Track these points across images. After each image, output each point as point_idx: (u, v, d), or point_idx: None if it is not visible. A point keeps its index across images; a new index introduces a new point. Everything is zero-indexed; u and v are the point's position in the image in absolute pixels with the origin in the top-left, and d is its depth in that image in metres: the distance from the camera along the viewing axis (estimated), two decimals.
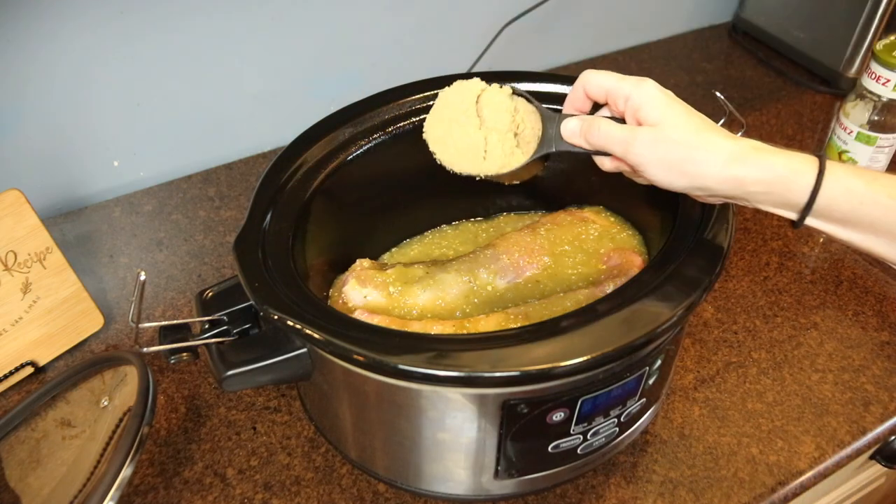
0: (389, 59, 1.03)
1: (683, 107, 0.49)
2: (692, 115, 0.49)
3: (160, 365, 0.73)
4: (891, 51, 0.87)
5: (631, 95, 0.49)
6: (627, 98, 0.50)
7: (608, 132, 0.51)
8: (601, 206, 0.74)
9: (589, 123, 0.52)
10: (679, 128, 0.48)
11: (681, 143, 0.48)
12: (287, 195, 0.60)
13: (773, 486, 0.63)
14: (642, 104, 0.49)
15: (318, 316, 0.49)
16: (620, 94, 0.50)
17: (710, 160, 0.47)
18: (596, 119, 0.52)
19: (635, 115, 0.50)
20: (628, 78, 0.51)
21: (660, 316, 0.48)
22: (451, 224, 0.76)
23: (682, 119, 0.48)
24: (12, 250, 0.68)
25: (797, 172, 0.47)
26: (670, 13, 1.24)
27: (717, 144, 0.47)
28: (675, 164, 0.48)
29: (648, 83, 0.50)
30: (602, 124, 0.51)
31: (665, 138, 0.48)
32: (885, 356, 0.73)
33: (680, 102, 0.50)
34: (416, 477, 0.58)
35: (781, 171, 0.47)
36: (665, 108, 0.48)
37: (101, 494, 0.48)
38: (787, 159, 0.47)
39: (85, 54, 0.83)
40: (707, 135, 0.48)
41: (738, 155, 0.47)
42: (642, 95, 0.49)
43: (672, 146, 0.48)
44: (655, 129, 0.49)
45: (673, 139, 0.48)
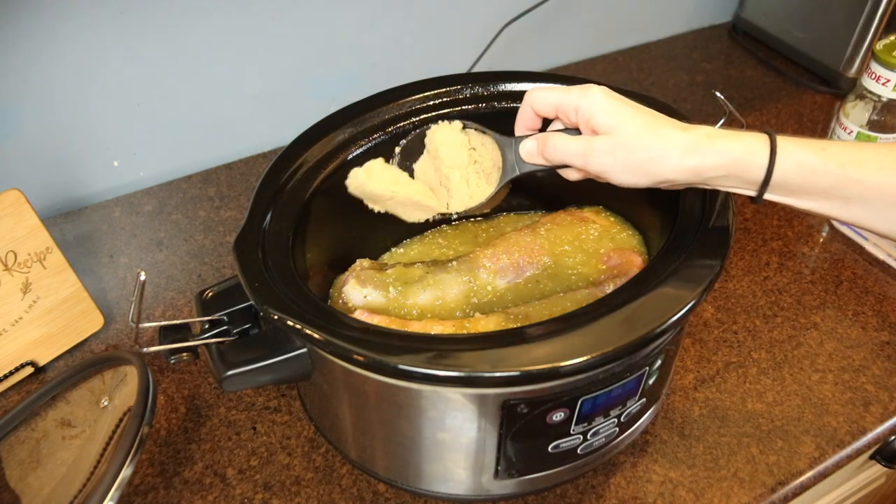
0: (389, 59, 1.03)
1: (632, 107, 0.50)
2: (642, 113, 0.50)
3: (160, 365, 0.73)
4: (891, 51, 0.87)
5: (580, 106, 0.51)
6: (577, 109, 0.51)
7: (564, 148, 0.52)
8: (601, 206, 0.74)
9: (543, 141, 0.53)
10: (632, 131, 0.49)
11: (637, 145, 0.49)
12: (287, 195, 0.60)
13: (773, 486, 0.63)
14: (593, 113, 0.50)
15: (318, 316, 0.49)
16: (569, 106, 0.51)
17: (668, 156, 0.49)
18: (550, 136, 0.53)
19: (588, 125, 0.51)
20: (573, 89, 0.51)
21: (660, 316, 0.48)
22: (451, 224, 0.76)
23: (633, 121, 0.49)
24: (12, 250, 0.68)
25: (751, 153, 0.49)
26: (670, 13, 1.24)
27: (672, 139, 0.49)
28: (636, 166, 0.50)
29: (594, 90, 0.51)
30: (557, 140, 0.52)
31: (621, 144, 0.49)
32: (885, 356, 0.73)
33: (628, 103, 0.51)
34: (416, 477, 0.58)
35: (736, 155, 0.49)
36: (615, 113, 0.50)
37: (101, 494, 0.48)
38: (740, 143, 0.49)
39: (85, 54, 0.83)
40: (661, 131, 0.49)
41: (692, 146, 0.49)
42: (591, 104, 0.50)
43: (629, 150, 0.49)
44: (610, 136, 0.50)
45: (629, 144, 0.49)
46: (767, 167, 0.48)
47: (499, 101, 0.68)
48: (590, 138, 0.51)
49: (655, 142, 0.49)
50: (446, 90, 0.68)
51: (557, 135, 0.52)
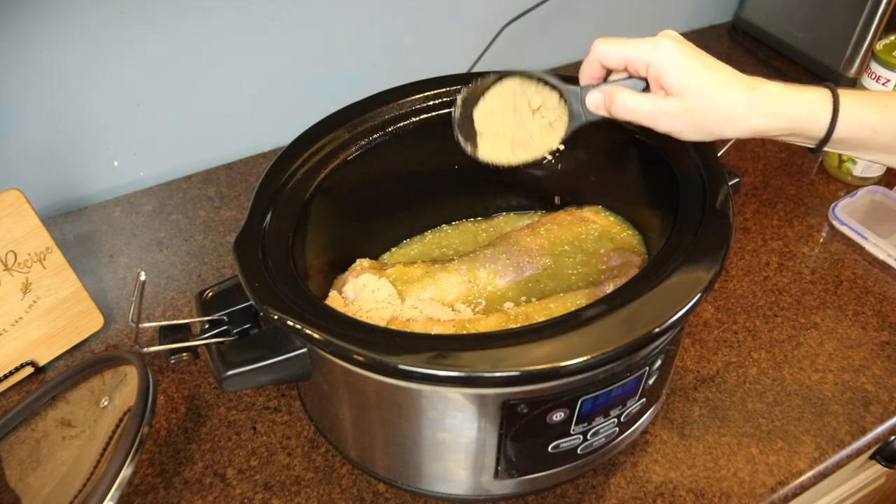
0: (389, 59, 1.03)
1: (701, 63, 0.50)
2: (711, 71, 0.50)
3: (160, 365, 0.73)
4: (891, 51, 0.87)
5: (651, 62, 0.50)
6: (648, 65, 0.51)
7: (633, 107, 0.52)
8: (601, 206, 0.74)
9: (611, 98, 0.53)
10: (702, 92, 0.49)
11: (706, 108, 0.50)
12: (287, 195, 0.60)
13: (773, 486, 0.63)
14: (664, 71, 0.50)
15: (318, 316, 0.49)
16: (640, 62, 0.51)
17: (734, 118, 0.50)
18: (617, 93, 0.52)
19: (658, 82, 0.51)
20: (644, 42, 0.51)
21: (660, 316, 0.48)
22: (451, 224, 0.76)
23: (702, 81, 0.49)
24: (12, 250, 0.68)
25: (813, 114, 0.50)
26: (670, 13, 1.24)
27: (739, 102, 0.50)
28: (703, 127, 0.51)
29: (665, 46, 0.50)
30: (626, 99, 0.52)
31: (690, 107, 0.50)
32: (885, 356, 0.73)
33: (697, 58, 0.50)
34: (416, 477, 0.58)
35: (800, 115, 0.50)
36: (686, 72, 0.49)
37: (101, 494, 0.48)
38: (803, 103, 0.50)
39: (85, 55, 0.83)
40: (729, 93, 0.50)
41: (758, 107, 0.50)
42: (661, 61, 0.50)
43: (698, 113, 0.50)
44: (679, 99, 0.50)
45: (698, 107, 0.50)
46: (829, 127, 0.50)
47: None
48: (659, 100, 0.51)
49: (724, 104, 0.50)
50: (446, 90, 0.68)
51: (625, 93, 0.52)
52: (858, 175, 0.92)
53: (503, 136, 0.60)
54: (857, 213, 0.88)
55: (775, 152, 0.99)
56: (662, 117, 0.51)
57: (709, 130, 0.51)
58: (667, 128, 0.52)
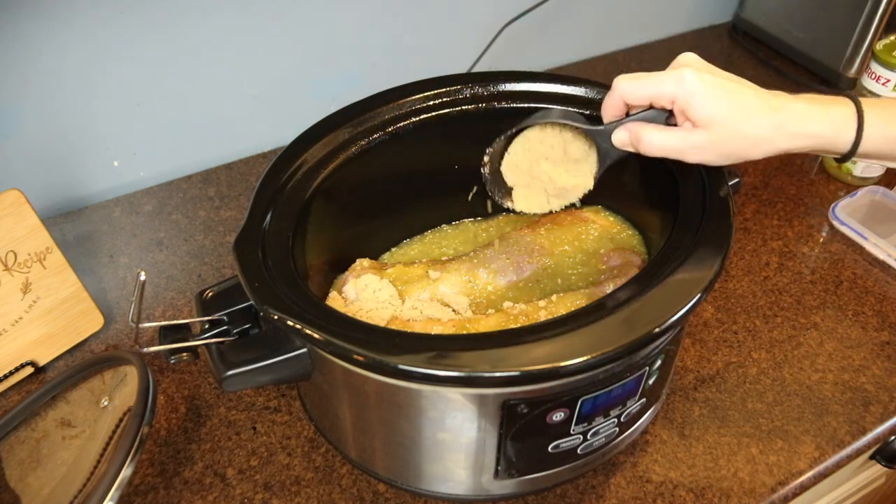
0: (389, 59, 1.03)
1: (726, 92, 0.50)
2: (735, 98, 0.50)
3: (160, 365, 0.73)
4: (891, 51, 0.88)
5: (676, 97, 0.51)
6: (673, 101, 0.51)
7: (661, 145, 0.52)
8: (601, 206, 0.74)
9: (637, 136, 0.53)
10: (728, 123, 0.50)
11: (733, 137, 0.51)
12: (287, 195, 0.60)
13: (773, 486, 0.63)
14: (689, 105, 0.50)
15: (318, 316, 0.49)
16: (664, 98, 0.52)
17: (760, 144, 0.51)
18: (642, 131, 0.53)
19: (684, 115, 0.52)
20: (666, 77, 0.51)
21: (660, 316, 0.48)
22: (451, 224, 0.76)
23: (729, 111, 0.50)
24: (12, 250, 0.68)
25: (838, 132, 0.51)
26: (670, 13, 1.24)
27: (765, 126, 0.51)
28: (731, 154, 0.52)
29: (688, 78, 0.50)
30: (653, 137, 0.52)
31: (717, 139, 0.51)
32: (885, 356, 0.73)
33: (721, 85, 0.51)
34: (416, 477, 0.58)
35: (824, 134, 0.51)
36: (711, 103, 0.50)
37: (101, 494, 0.48)
38: (828, 122, 0.51)
39: (85, 55, 0.83)
40: (753, 118, 0.50)
41: (782, 128, 0.51)
42: (687, 95, 0.50)
43: (726, 143, 0.51)
44: (707, 131, 0.51)
45: (725, 138, 0.51)
46: (853, 143, 0.51)
47: (499, 101, 0.68)
48: (685, 135, 0.52)
49: (749, 130, 0.50)
50: (446, 90, 0.68)
51: (651, 131, 0.53)
52: (858, 175, 0.92)
53: (535, 187, 0.61)
54: (857, 213, 0.88)
55: None
56: (691, 151, 0.52)
57: (737, 155, 0.52)
58: (696, 159, 0.52)
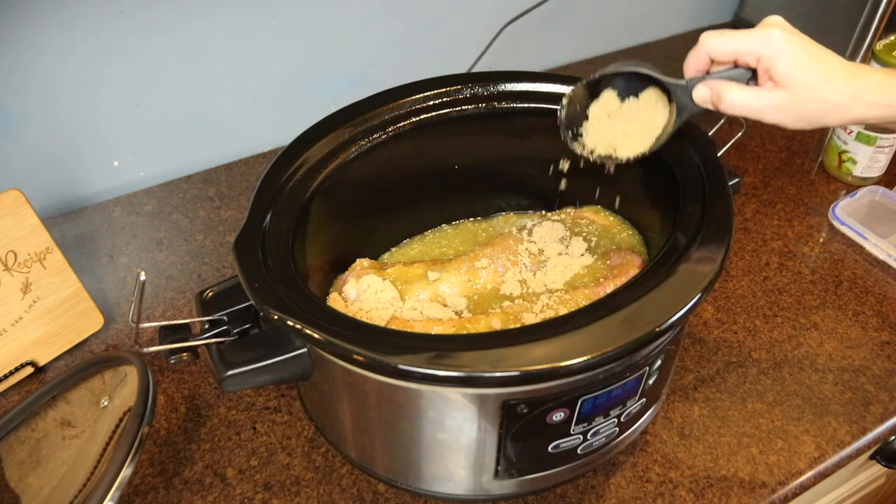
0: (389, 59, 1.03)
1: (809, 54, 0.51)
2: (819, 61, 0.51)
3: (160, 365, 0.73)
4: (891, 51, 0.88)
5: (762, 55, 0.51)
6: (759, 58, 0.52)
7: (742, 103, 0.53)
8: (600, 206, 0.74)
9: (718, 94, 0.54)
10: (810, 85, 0.51)
11: (812, 100, 0.51)
12: (287, 195, 0.60)
13: (773, 486, 0.63)
14: (774, 63, 0.51)
15: (318, 316, 0.49)
16: (750, 55, 0.52)
17: (838, 110, 0.52)
18: (724, 88, 0.53)
19: (767, 73, 0.52)
20: (753, 34, 0.52)
21: (660, 316, 0.48)
22: (451, 224, 0.76)
23: (812, 74, 0.51)
24: (12, 250, 0.68)
25: None
26: (670, 13, 1.24)
27: (843, 92, 0.51)
28: (807, 117, 0.52)
29: (775, 37, 0.51)
30: (733, 95, 0.53)
31: (797, 99, 0.51)
32: (885, 356, 0.73)
33: (806, 48, 0.51)
34: (416, 477, 0.58)
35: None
36: (795, 64, 0.50)
37: (101, 494, 0.48)
38: None
39: (85, 55, 0.83)
40: (834, 84, 0.51)
41: (860, 97, 0.51)
42: (773, 54, 0.51)
43: (804, 105, 0.51)
44: (787, 91, 0.51)
45: (805, 99, 0.51)
46: None
47: (499, 101, 0.68)
48: (766, 94, 0.52)
49: (829, 95, 0.51)
50: (446, 90, 0.68)
51: (732, 88, 0.53)
52: (858, 175, 0.92)
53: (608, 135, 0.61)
54: (857, 213, 0.88)
55: (775, 152, 0.99)
56: (770, 111, 0.52)
57: (813, 120, 0.52)
58: (773, 119, 0.53)
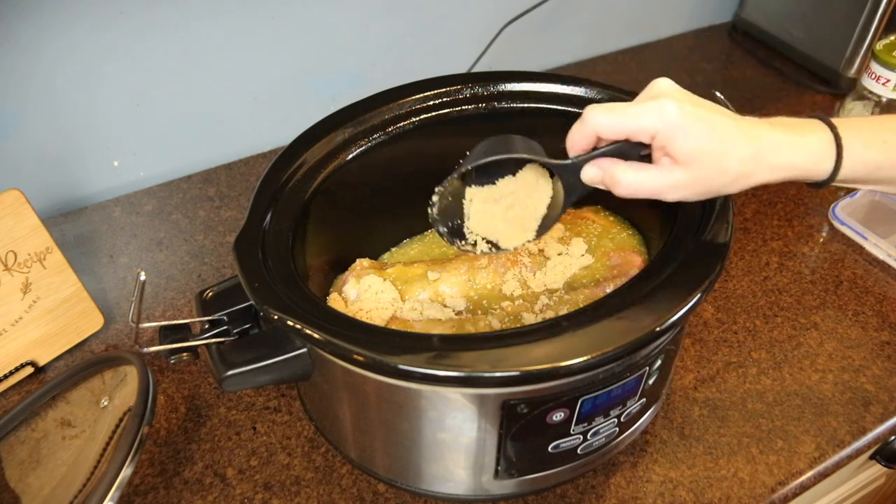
0: (389, 59, 1.03)
1: (706, 124, 0.47)
2: (715, 131, 0.47)
3: (160, 365, 0.73)
4: (891, 51, 0.88)
5: (658, 133, 0.47)
6: (654, 136, 0.48)
7: (638, 186, 0.49)
8: (600, 206, 0.74)
9: (611, 177, 0.50)
10: (710, 160, 0.48)
11: (714, 175, 0.48)
12: (287, 195, 0.60)
13: (773, 486, 0.63)
14: (671, 141, 0.47)
15: (318, 316, 0.49)
16: (644, 134, 0.48)
17: (741, 178, 0.49)
18: (616, 170, 0.49)
19: (663, 150, 0.48)
20: (645, 111, 0.47)
21: (660, 316, 0.48)
22: None
23: (710, 147, 0.47)
24: (12, 250, 0.68)
25: (816, 162, 0.50)
26: (670, 13, 1.24)
27: (744, 160, 0.48)
28: (710, 191, 0.50)
29: (669, 111, 0.47)
30: (628, 177, 0.49)
31: (698, 177, 0.48)
32: (885, 356, 0.73)
33: (702, 117, 0.47)
34: (416, 477, 0.58)
35: (803, 165, 0.50)
36: (694, 139, 0.47)
37: (101, 494, 0.48)
38: (806, 152, 0.49)
39: (85, 55, 0.83)
40: (734, 153, 0.48)
41: (762, 162, 0.49)
42: (668, 130, 0.47)
43: (706, 180, 0.49)
44: (687, 169, 0.48)
45: (706, 174, 0.48)
46: (832, 172, 0.50)
47: (499, 101, 0.68)
48: (664, 173, 0.49)
49: (731, 166, 0.48)
50: (446, 90, 0.68)
51: (626, 171, 0.49)
52: None
53: (491, 223, 0.56)
54: (857, 213, 0.88)
55: None
56: (669, 191, 0.49)
57: (716, 192, 0.50)
58: (673, 198, 0.50)
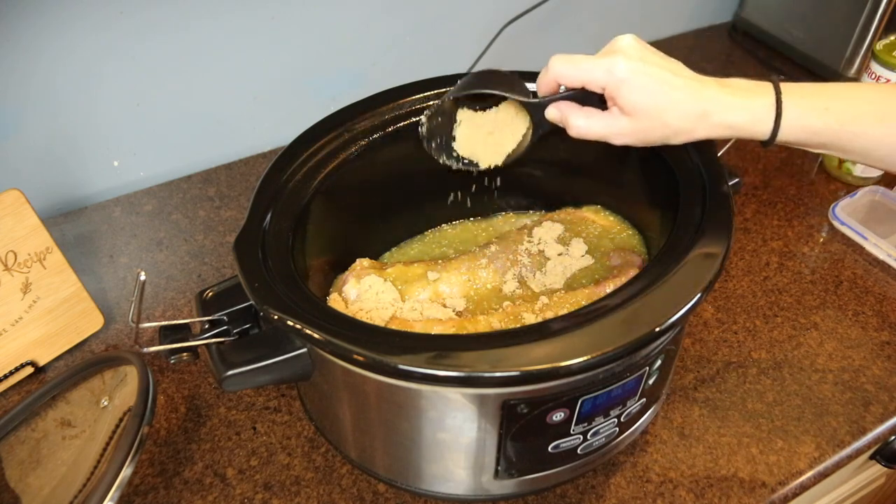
0: (389, 59, 1.03)
1: (654, 80, 0.52)
2: (662, 87, 0.52)
3: (160, 365, 0.73)
4: (891, 51, 0.88)
5: (607, 85, 0.52)
6: (604, 87, 0.53)
7: (587, 130, 0.55)
8: (600, 206, 0.74)
9: (565, 116, 0.56)
10: (653, 113, 0.52)
11: (656, 127, 0.53)
12: (287, 195, 0.60)
13: (773, 486, 0.63)
14: (618, 93, 0.52)
15: (318, 316, 0.49)
16: (595, 84, 0.53)
17: (681, 133, 0.53)
18: (571, 114, 0.55)
19: (612, 100, 0.53)
20: (599, 64, 0.52)
21: (660, 316, 0.48)
22: (450, 224, 0.76)
23: (655, 101, 0.52)
24: (12, 250, 0.68)
25: (755, 123, 0.53)
26: (670, 13, 1.24)
27: (685, 116, 0.52)
28: (653, 140, 0.54)
29: (619, 67, 0.51)
30: (579, 121, 0.55)
31: (640, 127, 0.53)
32: (885, 356, 0.73)
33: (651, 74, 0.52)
34: (416, 477, 0.58)
35: (742, 125, 0.53)
36: (639, 93, 0.52)
37: (101, 494, 0.48)
38: (747, 111, 0.53)
39: (85, 55, 0.83)
40: (677, 109, 0.52)
41: (702, 119, 0.53)
42: (616, 84, 0.52)
43: (649, 131, 0.53)
44: (631, 118, 0.53)
45: (649, 125, 0.53)
46: (771, 133, 0.53)
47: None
48: (610, 121, 0.54)
49: (672, 121, 0.52)
50: (446, 90, 0.68)
51: (577, 115, 0.55)
52: (858, 175, 0.92)
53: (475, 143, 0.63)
54: (857, 213, 0.88)
55: (775, 152, 0.99)
56: (615, 136, 0.54)
57: (658, 142, 0.54)
58: (620, 143, 0.55)
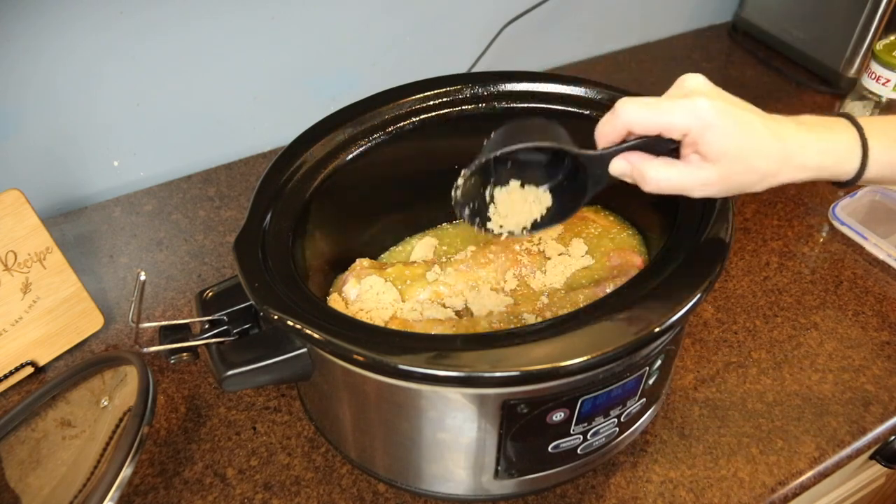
0: (389, 59, 1.03)
1: (737, 122, 0.47)
2: (745, 129, 0.47)
3: (160, 365, 0.73)
4: (891, 51, 0.88)
5: (690, 130, 0.47)
6: (686, 133, 0.47)
7: (668, 182, 0.49)
8: (600, 206, 0.74)
9: (640, 172, 0.49)
10: (739, 158, 0.47)
11: (742, 172, 0.48)
12: (287, 195, 0.60)
13: (773, 486, 0.63)
14: (702, 139, 0.47)
15: (318, 316, 0.49)
16: (676, 130, 0.47)
17: (767, 177, 0.49)
18: (646, 167, 0.49)
19: (693, 147, 0.48)
20: (678, 107, 0.47)
21: (660, 316, 0.48)
22: (451, 223, 0.76)
23: (740, 145, 0.47)
24: (12, 250, 0.68)
25: (842, 162, 0.50)
26: (670, 13, 1.24)
27: (771, 159, 0.48)
28: (736, 189, 0.49)
29: (702, 108, 0.46)
30: (659, 173, 0.49)
31: (727, 174, 0.48)
32: (885, 356, 0.73)
33: (733, 115, 0.47)
34: (416, 477, 0.58)
35: (828, 166, 0.50)
36: (725, 138, 0.46)
37: (101, 494, 0.48)
38: (832, 154, 0.49)
39: (85, 55, 0.83)
40: (762, 152, 0.48)
41: (788, 161, 0.49)
42: (702, 129, 0.46)
43: (734, 178, 0.48)
44: (716, 166, 0.47)
45: (734, 172, 0.48)
46: (857, 172, 0.50)
47: (499, 101, 0.68)
48: (693, 170, 0.48)
49: (758, 164, 0.48)
50: (446, 90, 0.68)
51: (655, 167, 0.49)
52: None
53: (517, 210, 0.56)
54: (857, 213, 0.88)
55: None
56: (698, 188, 0.49)
57: (742, 190, 0.49)
58: (701, 195, 0.49)
